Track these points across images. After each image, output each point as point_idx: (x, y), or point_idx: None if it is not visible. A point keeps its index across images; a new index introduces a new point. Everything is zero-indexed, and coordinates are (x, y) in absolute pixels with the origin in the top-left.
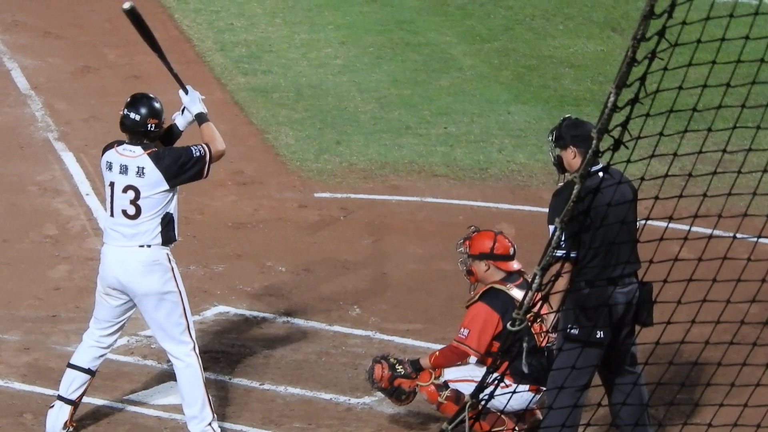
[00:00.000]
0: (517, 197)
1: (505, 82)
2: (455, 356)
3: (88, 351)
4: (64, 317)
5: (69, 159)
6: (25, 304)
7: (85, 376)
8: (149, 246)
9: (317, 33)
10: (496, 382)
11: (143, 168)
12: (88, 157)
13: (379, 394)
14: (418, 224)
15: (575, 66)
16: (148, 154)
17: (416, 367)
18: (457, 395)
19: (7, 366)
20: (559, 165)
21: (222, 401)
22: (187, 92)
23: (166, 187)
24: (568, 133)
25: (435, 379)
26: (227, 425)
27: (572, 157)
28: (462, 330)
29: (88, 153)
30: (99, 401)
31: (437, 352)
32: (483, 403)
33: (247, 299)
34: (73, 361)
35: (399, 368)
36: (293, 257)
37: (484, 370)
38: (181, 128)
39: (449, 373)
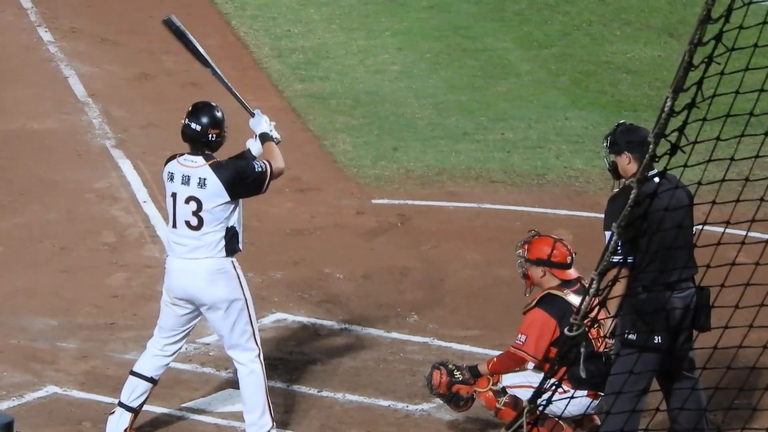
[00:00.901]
0: (575, 203)
1: (563, 87)
2: (513, 362)
3: (151, 359)
4: (122, 325)
5: (126, 166)
6: (83, 311)
7: (147, 384)
8: (213, 258)
9: (374, 39)
10: (553, 387)
11: (205, 179)
12: (145, 164)
13: (438, 400)
14: (476, 230)
15: (632, 71)
16: (210, 165)
17: (474, 373)
18: (515, 401)
19: (65, 374)
20: (614, 171)
21: (280, 408)
22: (253, 115)
23: (227, 198)
24: (623, 139)
25: (493, 385)
26: None
27: (627, 163)
28: (519, 336)
29: (146, 160)
30: (157, 409)
31: (495, 358)
32: (541, 408)
33: (305, 306)
34: (136, 369)
35: (457, 374)
36: (351, 264)
37: (541, 375)
38: (254, 154)
39: (507, 379)
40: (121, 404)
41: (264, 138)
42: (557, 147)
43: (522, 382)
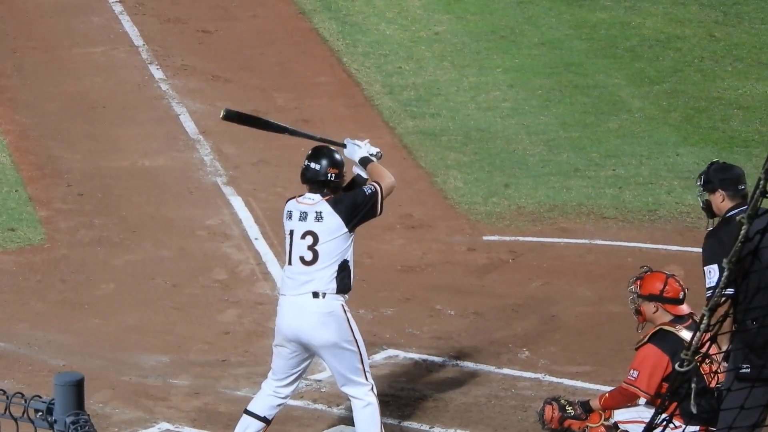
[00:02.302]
0: (686, 239)
1: (674, 123)
2: (625, 398)
3: (265, 399)
4: (234, 361)
5: (238, 203)
6: (195, 348)
7: (260, 424)
8: (324, 295)
9: (486, 76)
10: (665, 423)
11: (321, 213)
12: (256, 201)
13: None
14: (587, 267)
15: (744, 107)
16: (327, 200)
17: (586, 409)
18: None
19: (177, 410)
20: (708, 209)
21: None
22: (344, 146)
23: (345, 230)
24: (716, 177)
25: (605, 420)
26: None
27: (720, 201)
28: (632, 372)
29: (257, 197)
30: None
31: (607, 394)
32: None
33: (417, 342)
34: (250, 408)
35: (569, 409)
36: (462, 300)
37: (653, 411)
38: (365, 176)
39: (619, 415)
40: None
41: (364, 162)
42: (669, 183)
43: (634, 418)
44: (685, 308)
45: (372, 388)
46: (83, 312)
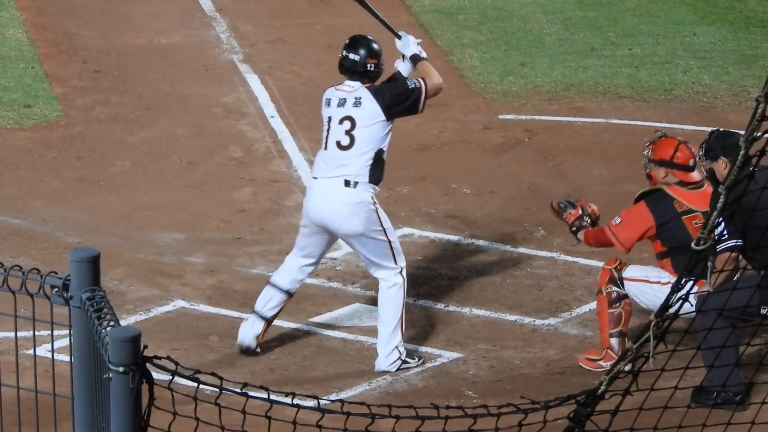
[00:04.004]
0: (702, 119)
1: (691, 3)
2: (599, 241)
3: (289, 273)
4: (249, 239)
5: (254, 81)
6: (210, 226)
7: (283, 296)
8: (356, 184)
9: None
10: (680, 302)
11: (360, 98)
12: (272, 78)
13: (565, 315)
14: (603, 146)
15: None
16: (367, 87)
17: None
18: (617, 297)
19: (192, 288)
20: (712, 177)
21: (407, 323)
22: (399, 37)
23: (383, 118)
24: (718, 144)
25: (616, 272)
26: (411, 346)
27: (724, 168)
28: (616, 218)
29: (273, 75)
30: (284, 323)
31: (592, 230)
32: (667, 323)
33: (432, 221)
34: (273, 281)
35: (586, 218)
36: (478, 179)
37: (662, 273)
38: (405, 74)
39: (629, 270)
40: (255, 312)
41: (414, 59)
42: (685, 62)
43: (640, 276)
44: (695, 175)
45: (401, 271)
46: (99, 189)
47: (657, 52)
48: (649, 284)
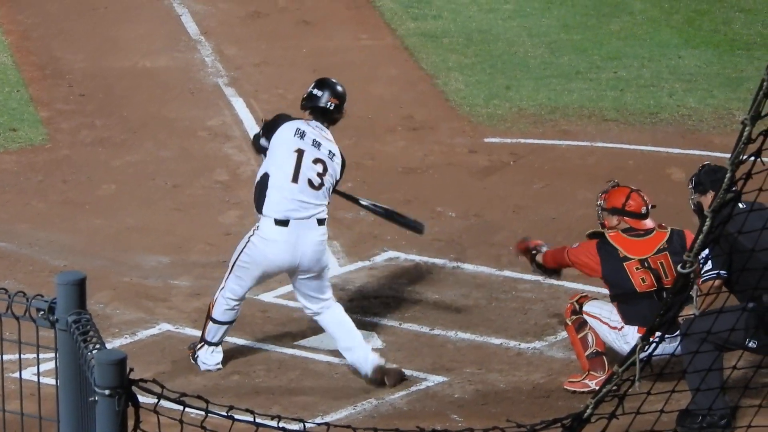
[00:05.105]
0: (688, 141)
1: (676, 26)
2: (556, 260)
3: (232, 311)
4: None
5: (239, 104)
6: (196, 249)
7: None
8: (323, 222)
9: None
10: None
11: (334, 155)
12: (258, 102)
13: (550, 338)
14: (589, 169)
15: (746, 10)
16: (337, 147)
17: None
18: (581, 324)
19: (178, 311)
20: (700, 211)
21: (392, 346)
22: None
23: (339, 178)
24: (707, 179)
25: (578, 304)
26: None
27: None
28: (575, 243)
29: (259, 98)
30: (270, 347)
31: (550, 250)
32: (653, 347)
33: (417, 244)
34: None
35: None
36: (463, 202)
37: (615, 316)
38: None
39: (589, 305)
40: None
41: None
42: (670, 86)
43: (596, 314)
44: (648, 222)
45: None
46: (84, 212)
47: (642, 75)
48: (602, 323)
